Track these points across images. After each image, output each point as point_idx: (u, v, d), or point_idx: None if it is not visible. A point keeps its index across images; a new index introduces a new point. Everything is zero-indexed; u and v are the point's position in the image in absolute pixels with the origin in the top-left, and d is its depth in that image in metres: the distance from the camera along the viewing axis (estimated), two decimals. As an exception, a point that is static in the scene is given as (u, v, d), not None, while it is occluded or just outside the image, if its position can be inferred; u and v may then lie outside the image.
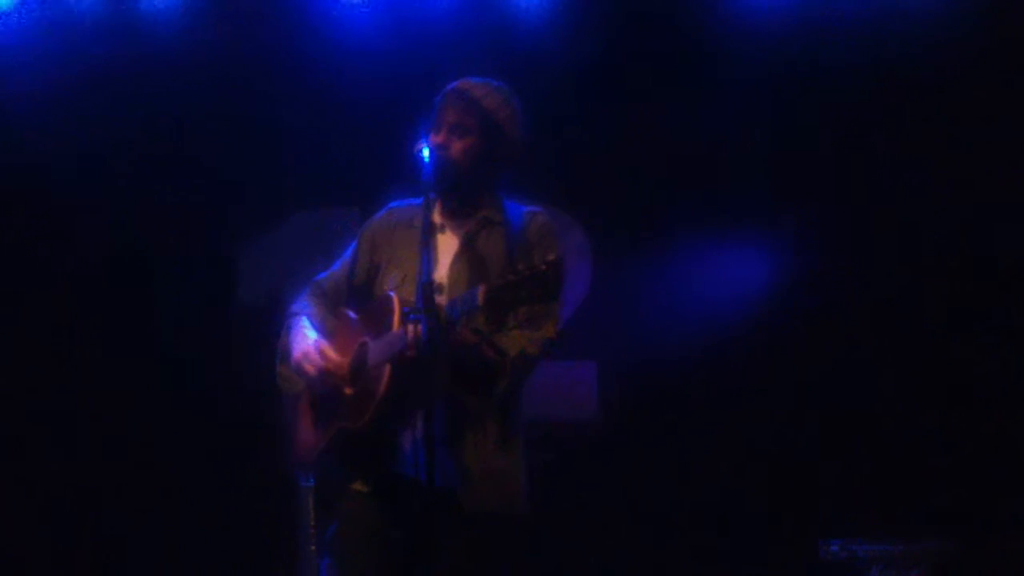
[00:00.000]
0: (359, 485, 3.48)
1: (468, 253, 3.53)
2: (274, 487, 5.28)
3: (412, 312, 3.25)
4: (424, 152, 3.43)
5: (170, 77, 5.87)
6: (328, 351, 3.52)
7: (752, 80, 5.81)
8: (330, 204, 5.70)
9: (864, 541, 5.23)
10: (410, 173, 3.44)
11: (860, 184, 5.85)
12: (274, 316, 3.73)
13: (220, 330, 5.86)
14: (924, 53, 5.74)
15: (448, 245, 3.57)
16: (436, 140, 3.53)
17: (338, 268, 3.77)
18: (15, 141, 5.87)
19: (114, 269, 5.99)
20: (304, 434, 3.59)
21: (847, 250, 5.83)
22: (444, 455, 3.30)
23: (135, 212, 5.96)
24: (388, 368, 3.31)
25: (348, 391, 3.46)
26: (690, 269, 5.88)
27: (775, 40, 5.83)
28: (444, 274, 3.51)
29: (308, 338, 3.58)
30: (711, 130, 5.82)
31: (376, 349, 3.37)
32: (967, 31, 5.69)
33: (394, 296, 3.41)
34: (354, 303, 3.65)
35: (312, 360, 3.52)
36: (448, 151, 3.54)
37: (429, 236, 3.36)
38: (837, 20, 5.82)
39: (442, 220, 3.61)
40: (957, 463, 5.62)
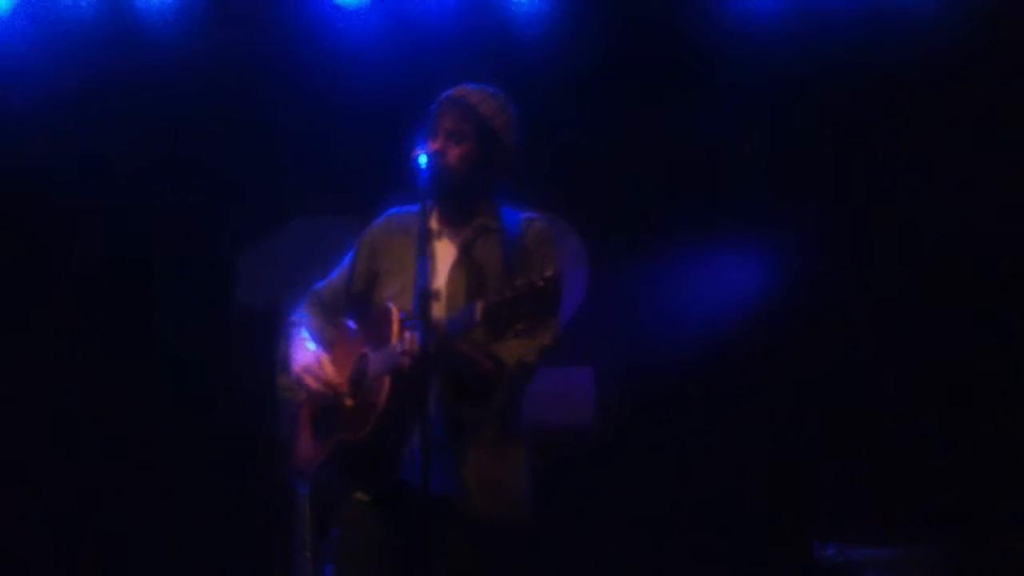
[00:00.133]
0: (360, 494, 3.49)
1: (466, 261, 3.53)
2: (271, 493, 5.28)
3: (409, 319, 3.27)
4: (421, 159, 3.43)
5: (167, 84, 5.85)
6: (328, 363, 3.54)
7: (748, 84, 5.80)
8: (328, 211, 5.70)
9: (860, 545, 5.23)
10: (407, 180, 3.44)
11: (858, 187, 5.85)
12: (272, 322, 3.74)
13: (217, 335, 5.85)
14: (921, 54, 5.74)
15: (446, 252, 3.58)
16: (433, 147, 3.54)
17: (336, 277, 3.77)
18: (11, 145, 5.86)
19: (112, 274, 5.98)
20: (304, 445, 3.60)
21: (844, 254, 5.82)
22: (444, 464, 3.32)
23: (132, 217, 5.94)
24: (388, 380, 3.32)
25: (348, 403, 3.46)
26: (687, 274, 5.87)
27: (772, 43, 5.82)
28: (442, 282, 3.52)
29: (308, 350, 3.59)
30: (708, 134, 5.82)
31: (376, 361, 3.38)
32: (964, 32, 5.69)
33: (392, 307, 3.41)
34: (353, 312, 3.66)
35: (313, 372, 3.53)
36: (445, 158, 3.54)
37: (426, 243, 3.37)
38: (834, 23, 5.82)
39: (439, 227, 3.61)
40: (954, 466, 5.62)
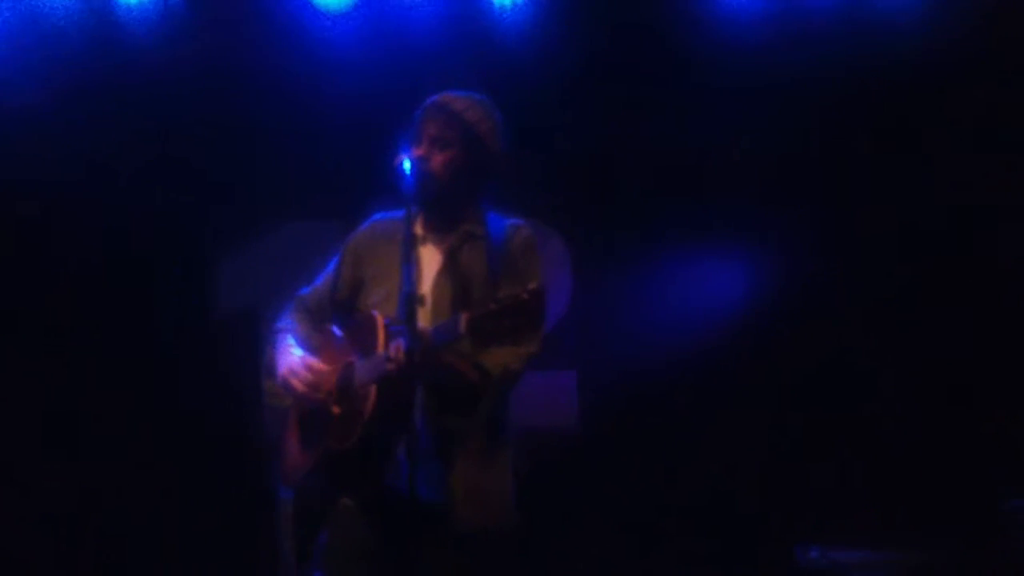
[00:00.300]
0: (347, 501, 3.49)
1: (451, 267, 3.54)
2: (255, 498, 5.28)
3: (395, 325, 3.28)
4: (405, 165, 3.43)
5: (150, 88, 5.82)
6: (314, 367, 3.54)
7: (735, 88, 5.82)
8: (312, 216, 5.70)
9: (843, 547, 5.25)
10: (392, 185, 3.44)
11: (845, 190, 5.87)
12: (256, 327, 3.74)
13: (201, 339, 5.85)
14: (908, 57, 5.77)
15: (431, 258, 3.59)
16: (417, 153, 3.54)
17: (321, 283, 3.78)
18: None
19: (95, 276, 5.95)
20: (291, 451, 3.60)
21: (828, 258, 5.85)
22: (430, 472, 3.33)
23: (116, 221, 5.92)
24: (374, 388, 3.32)
25: (335, 411, 3.47)
26: (671, 278, 5.89)
27: (759, 47, 5.83)
28: (428, 288, 3.52)
29: (294, 354, 3.60)
30: (694, 139, 5.84)
31: (362, 369, 3.39)
32: (951, 36, 5.72)
33: (377, 315, 3.42)
34: (338, 319, 3.66)
35: (299, 375, 3.54)
36: (429, 163, 3.55)
37: (411, 249, 3.38)
38: (820, 26, 5.84)
39: (424, 233, 3.62)
40: (938, 469, 5.65)
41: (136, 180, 5.88)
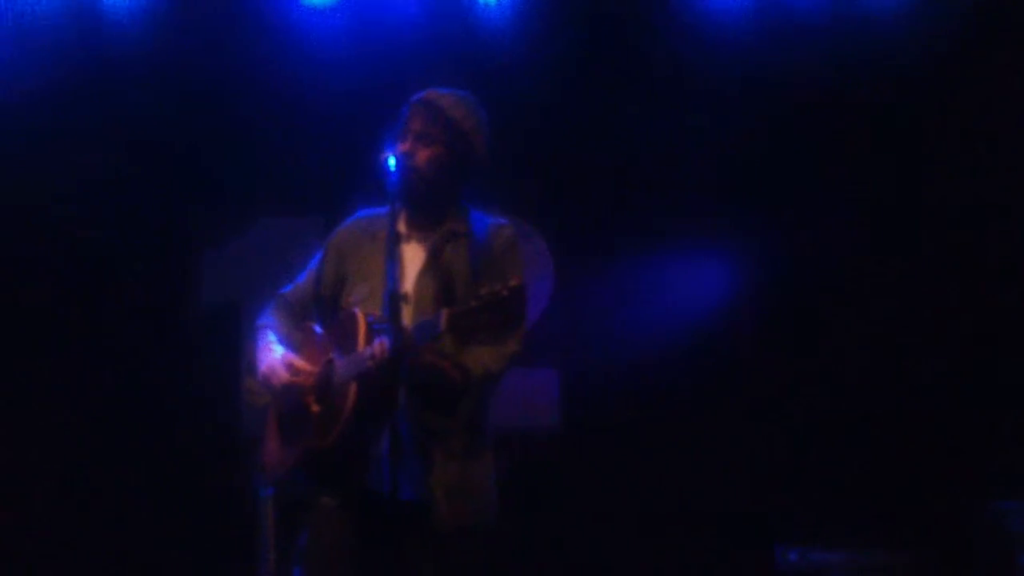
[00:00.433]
0: (327, 499, 3.47)
1: (434, 265, 3.52)
2: (235, 495, 5.26)
3: (377, 322, 3.27)
4: (390, 161, 3.42)
5: (132, 84, 5.82)
6: (294, 363, 3.53)
7: (719, 87, 5.84)
8: (295, 212, 5.69)
9: (822, 549, 5.26)
10: (375, 182, 3.43)
11: (826, 190, 5.89)
12: (236, 324, 3.73)
13: (183, 335, 5.83)
14: (891, 56, 5.80)
15: (414, 256, 3.57)
16: (402, 149, 3.53)
17: (304, 280, 3.76)
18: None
19: (75, 272, 5.94)
20: (271, 449, 3.59)
21: (813, 259, 5.86)
22: (411, 470, 3.31)
23: (97, 217, 5.90)
24: (355, 386, 3.30)
25: (315, 409, 3.46)
26: (653, 277, 5.90)
27: (740, 46, 5.85)
28: (411, 286, 3.51)
29: (274, 352, 3.58)
30: (675, 138, 5.85)
31: (343, 367, 3.37)
32: (937, 35, 5.75)
33: (359, 313, 3.40)
34: (320, 316, 3.65)
35: (278, 373, 3.53)
36: (414, 160, 3.53)
37: (394, 246, 3.38)
38: (801, 25, 5.86)
39: (408, 230, 3.61)
40: (918, 471, 5.66)
41: (118, 176, 5.86)
